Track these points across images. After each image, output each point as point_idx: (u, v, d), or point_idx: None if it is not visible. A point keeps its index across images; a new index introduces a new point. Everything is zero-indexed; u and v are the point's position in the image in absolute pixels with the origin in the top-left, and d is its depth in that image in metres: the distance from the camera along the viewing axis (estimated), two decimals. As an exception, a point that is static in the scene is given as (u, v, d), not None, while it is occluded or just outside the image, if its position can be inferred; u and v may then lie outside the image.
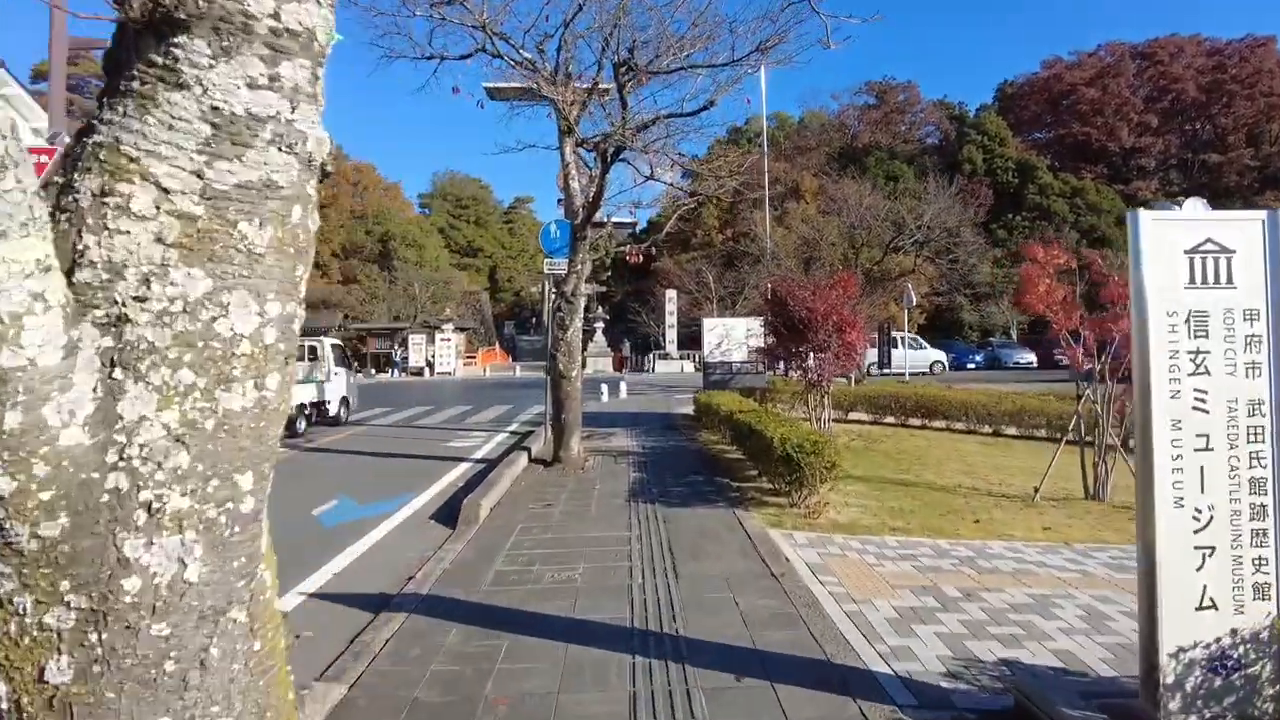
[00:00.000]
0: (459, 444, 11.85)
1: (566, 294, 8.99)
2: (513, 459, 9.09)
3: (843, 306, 11.98)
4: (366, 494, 8.05)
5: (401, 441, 12.35)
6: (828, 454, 6.39)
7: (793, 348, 12.05)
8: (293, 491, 8.31)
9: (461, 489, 8.07)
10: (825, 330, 11.55)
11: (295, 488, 8.47)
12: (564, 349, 9.03)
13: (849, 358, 11.99)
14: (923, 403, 13.65)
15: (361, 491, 8.21)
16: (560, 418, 9.10)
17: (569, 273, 9.07)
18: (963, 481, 8.90)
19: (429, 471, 9.32)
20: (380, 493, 8.09)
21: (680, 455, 9.81)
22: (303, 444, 12.23)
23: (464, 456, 10.42)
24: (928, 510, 7.09)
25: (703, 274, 39.26)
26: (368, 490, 8.27)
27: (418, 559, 5.57)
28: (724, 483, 7.86)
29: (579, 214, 8.90)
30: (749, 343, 14.03)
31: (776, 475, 6.92)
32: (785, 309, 11.83)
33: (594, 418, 14.49)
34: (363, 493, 8.13)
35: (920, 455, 10.94)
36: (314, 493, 8.12)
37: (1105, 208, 54.63)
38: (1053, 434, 12.94)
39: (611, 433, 12.35)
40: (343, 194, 56.37)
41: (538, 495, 7.46)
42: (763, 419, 7.84)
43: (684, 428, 12.74)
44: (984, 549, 5.69)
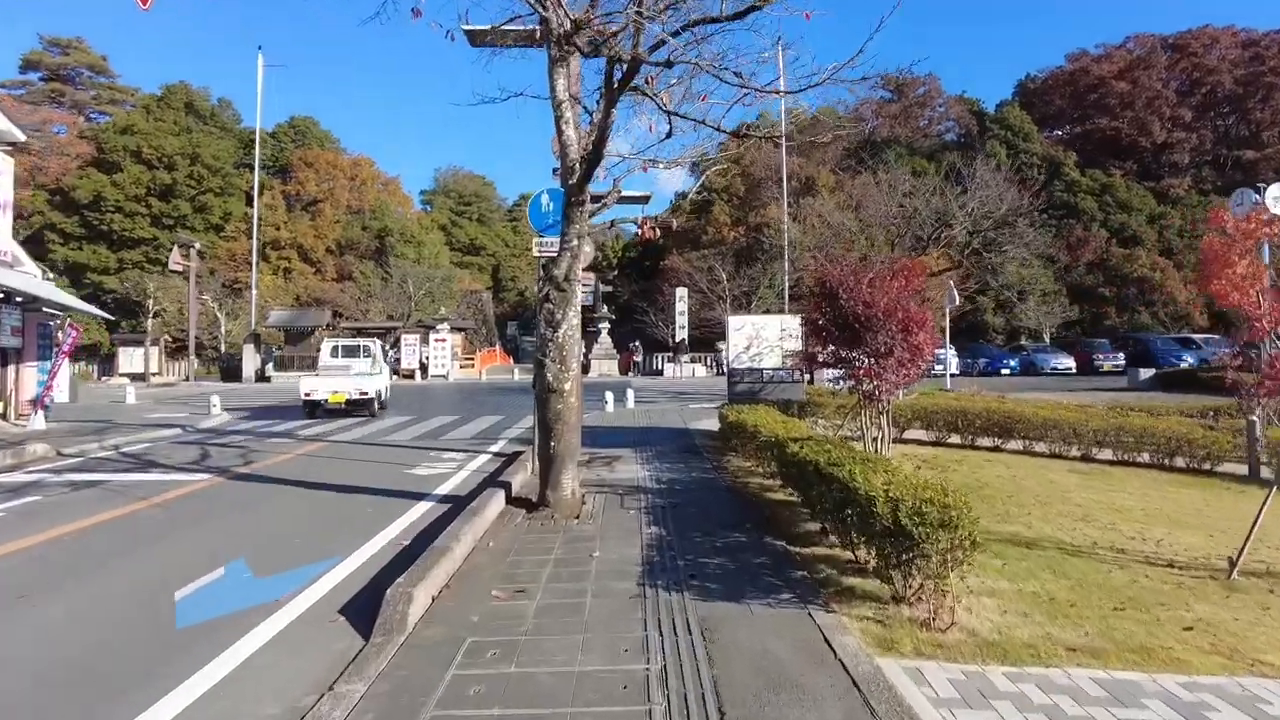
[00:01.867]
0: (426, 470, 9.48)
1: (557, 280, 6.62)
2: (484, 500, 6.71)
3: (909, 300, 9.63)
4: (272, 557, 5.70)
5: (358, 466, 9.99)
6: (965, 524, 4.00)
7: (844, 352, 9.68)
8: (177, 548, 5.97)
9: (401, 554, 5.69)
10: (888, 330, 9.21)
11: (183, 542, 6.11)
12: (554, 353, 6.66)
13: (915, 365, 9.63)
14: (995, 420, 11.23)
15: (268, 552, 5.85)
16: (549, 446, 6.72)
17: (560, 250, 6.70)
18: (1094, 536, 6.53)
19: (371, 518, 6.95)
20: (291, 555, 5.73)
21: (709, 495, 7.42)
22: (238, 467, 9.90)
23: (425, 492, 8.05)
24: (1092, 599, 4.71)
25: (715, 271, 36.87)
26: (277, 550, 5.92)
27: (284, 715, 3.23)
28: (780, 548, 5.46)
29: (575, 170, 6.54)
30: (783, 345, 11.64)
31: (875, 548, 4.53)
32: (835, 303, 9.47)
33: (595, 434, 12.11)
34: (269, 554, 5.78)
35: (1012, 491, 8.54)
36: (203, 552, 5.78)
37: (1136, 205, 51.98)
38: (1159, 459, 10.51)
39: (616, 456, 9.97)
40: (339, 188, 54.26)
41: (508, 571, 5.07)
42: (838, 456, 5.45)
43: (707, 451, 10.34)
44: (1251, 698, 3.31)
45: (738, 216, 49.78)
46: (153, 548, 6.03)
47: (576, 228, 6.66)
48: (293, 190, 54.14)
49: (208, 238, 50.38)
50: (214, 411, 17.34)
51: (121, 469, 9.87)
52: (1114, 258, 48.77)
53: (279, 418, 16.86)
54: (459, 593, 4.65)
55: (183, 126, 52.00)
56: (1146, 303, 47.71)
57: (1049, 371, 30.85)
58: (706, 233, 49.44)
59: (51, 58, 59.04)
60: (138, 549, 5.99)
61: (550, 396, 6.68)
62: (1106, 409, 13.44)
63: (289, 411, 18.64)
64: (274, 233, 50.54)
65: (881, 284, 9.53)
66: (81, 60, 60.27)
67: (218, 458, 10.83)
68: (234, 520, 7.00)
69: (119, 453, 11.40)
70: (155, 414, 17.79)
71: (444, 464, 9.98)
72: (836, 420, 11.23)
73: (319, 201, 53.41)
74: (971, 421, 11.34)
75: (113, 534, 6.50)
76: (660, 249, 56.35)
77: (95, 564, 5.60)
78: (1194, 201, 52.27)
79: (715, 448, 10.62)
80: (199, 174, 49.63)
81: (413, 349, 34.22)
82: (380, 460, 10.35)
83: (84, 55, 60.15)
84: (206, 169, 50.04)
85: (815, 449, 5.85)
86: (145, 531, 6.57)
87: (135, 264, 45.52)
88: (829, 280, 9.49)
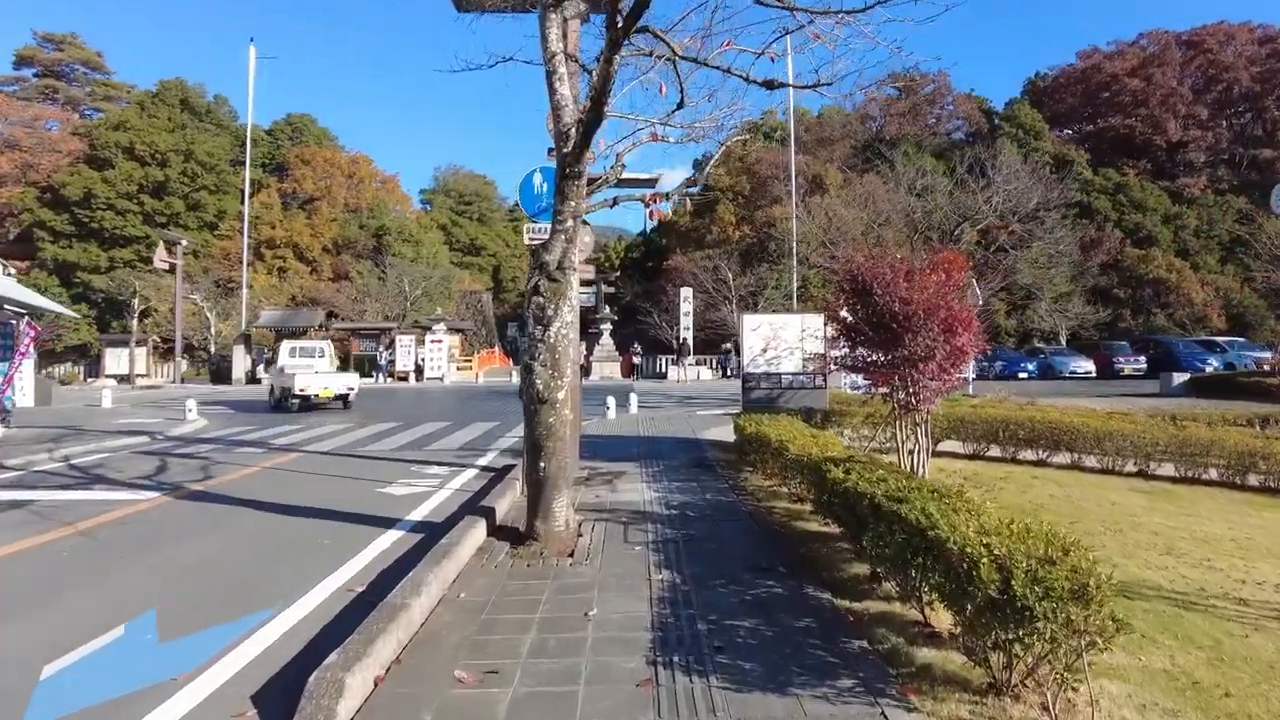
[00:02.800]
0: (402, 489, 8.35)
1: (549, 268, 5.50)
2: (461, 532, 5.59)
3: (952, 296, 8.52)
4: (192, 609, 4.59)
5: (326, 484, 8.88)
6: (1101, 598, 2.87)
7: (877, 355, 8.56)
8: (80, 595, 4.84)
9: (352, 606, 4.58)
10: (929, 331, 8.09)
11: (91, 586, 4.99)
12: (545, 355, 5.53)
13: (957, 370, 8.52)
14: (1040, 431, 10.08)
15: (190, 601, 4.74)
16: (538, 467, 5.60)
17: (553, 233, 5.58)
18: (1193, 577, 5.45)
19: (327, 552, 5.83)
20: (216, 606, 4.62)
21: (729, 524, 6.28)
22: (194, 483, 8.80)
23: (396, 518, 6.92)
24: (1245, 681, 3.58)
25: (721, 270, 35.75)
26: (202, 598, 4.80)
27: None
28: (826, 604, 4.33)
29: (569, 136, 5.42)
30: (804, 347, 10.51)
31: (962, 614, 3.40)
32: (869, 300, 8.35)
33: (596, 445, 11.00)
34: (190, 605, 4.67)
35: (1073, 515, 7.42)
36: (110, 600, 4.68)
37: (1151, 205, 50.80)
38: (1228, 476, 9.34)
39: (619, 472, 8.84)
40: (336, 186, 53.23)
41: (479, 637, 3.94)
42: (898, 486, 4.32)
43: (721, 466, 9.20)
44: None
45: (743, 215, 48.69)
46: (48, 594, 4.91)
47: (572, 205, 5.54)
48: (289, 188, 53.12)
49: (201, 236, 49.39)
50: (189, 417, 16.24)
51: (62, 485, 8.76)
52: (1128, 258, 47.58)
53: (257, 424, 15.76)
54: (412, 671, 3.52)
55: (177, 123, 51.06)
56: (1162, 304, 46.52)
57: (1068, 375, 29.66)
58: (711, 232, 48.34)
59: (45, 54, 58.19)
60: (27, 596, 4.88)
61: (540, 408, 5.55)
62: (1148, 417, 12.31)
63: (271, 417, 17.54)
64: (269, 231, 49.52)
65: (919, 278, 8.43)
66: (76, 56, 59.40)
67: (175, 471, 9.72)
68: (164, 554, 5.87)
69: (68, 465, 10.29)
70: (128, 419, 16.70)
71: (424, 480, 8.85)
72: (864, 431, 10.10)
73: (316, 200, 52.37)
74: (1014, 433, 10.20)
75: (7, 574, 5.38)
76: (663, 249, 55.31)
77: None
78: (1210, 201, 51.11)
79: (730, 462, 9.49)
80: (193, 171, 48.65)
81: (408, 350, 33.10)
82: (353, 476, 9.22)
83: (78, 51, 59.28)
84: (200, 166, 49.06)
85: (867, 477, 4.71)
86: (49, 571, 5.45)
87: (127, 263, 44.50)
88: (862, 274, 8.35)
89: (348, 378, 19.74)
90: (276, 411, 18.62)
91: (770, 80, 4.84)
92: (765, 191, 47.81)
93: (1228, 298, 46.04)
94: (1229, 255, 49.00)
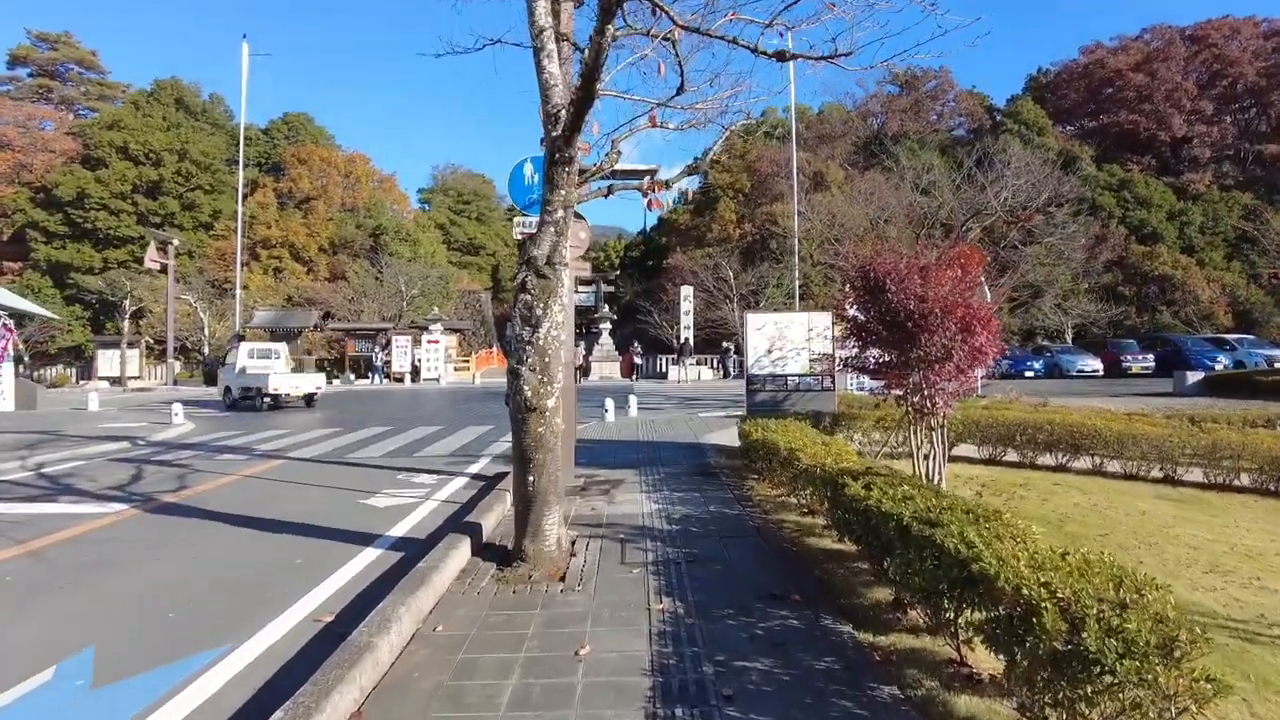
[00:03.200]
0: (385, 500, 7.86)
1: (537, 263, 5.01)
2: (442, 554, 5.10)
3: (969, 293, 8.05)
4: (136, 645, 4.10)
5: (307, 494, 8.40)
6: (1197, 649, 2.38)
7: (890, 356, 8.07)
8: (11, 629, 4.31)
9: (316, 642, 4.09)
10: (946, 330, 7.62)
11: (28, 616, 4.48)
12: (534, 359, 5.05)
13: (974, 370, 8.06)
14: (1060, 434, 9.58)
15: (135, 635, 4.26)
16: (527, 481, 5.11)
17: (541, 224, 5.09)
18: (1246, 600, 5.02)
19: (297, 574, 5.35)
20: (164, 641, 4.13)
21: (735, 541, 5.78)
22: (166, 493, 8.32)
23: (376, 533, 6.43)
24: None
25: (721, 269, 35.23)
26: (149, 631, 4.31)
27: None
28: (847, 638, 3.83)
29: (559, 118, 4.92)
30: (811, 348, 10.02)
31: (1011, 659, 2.91)
32: (881, 297, 7.87)
33: (593, 450, 10.52)
34: (134, 640, 4.18)
35: (1103, 527, 6.95)
36: (48, 633, 4.18)
37: (1156, 201, 50.22)
38: (1262, 483, 8.81)
39: (617, 480, 8.34)
40: (332, 185, 52.71)
41: (455, 681, 3.45)
42: (928, 506, 3.84)
43: (725, 473, 8.71)
44: None
45: (744, 213, 48.20)
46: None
47: (562, 195, 5.05)
48: (285, 188, 52.61)
49: (197, 236, 48.89)
50: (175, 420, 15.76)
51: (26, 497, 8.27)
52: (1133, 255, 47.03)
53: (244, 428, 15.28)
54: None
55: (172, 122, 50.53)
56: (1168, 302, 45.96)
57: (1075, 374, 29.15)
58: (711, 230, 47.85)
59: (40, 53, 57.65)
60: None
61: (528, 417, 5.05)
62: (1165, 418, 11.82)
63: (259, 420, 17.06)
64: (265, 231, 49.01)
65: (935, 275, 7.95)
66: (70, 55, 58.86)
67: (149, 481, 9.24)
68: (118, 578, 5.38)
69: (38, 474, 9.80)
70: (112, 424, 16.21)
71: (410, 490, 8.36)
72: (876, 435, 9.62)
73: (312, 199, 51.85)
74: (1032, 437, 9.70)
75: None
76: (663, 247, 54.80)
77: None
78: (1215, 197, 50.55)
79: (734, 469, 8.99)
80: (187, 170, 48.13)
81: (404, 351, 32.58)
82: (336, 485, 8.73)
83: (73, 50, 58.74)
84: (195, 165, 48.54)
85: (891, 495, 4.22)
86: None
87: (121, 263, 43.97)
88: (875, 270, 7.85)
89: (315, 378, 21.78)
90: (232, 410, 20.05)
91: (781, 51, 4.33)
92: (766, 189, 47.32)
93: (1234, 294, 45.51)
94: (1235, 252, 48.51)
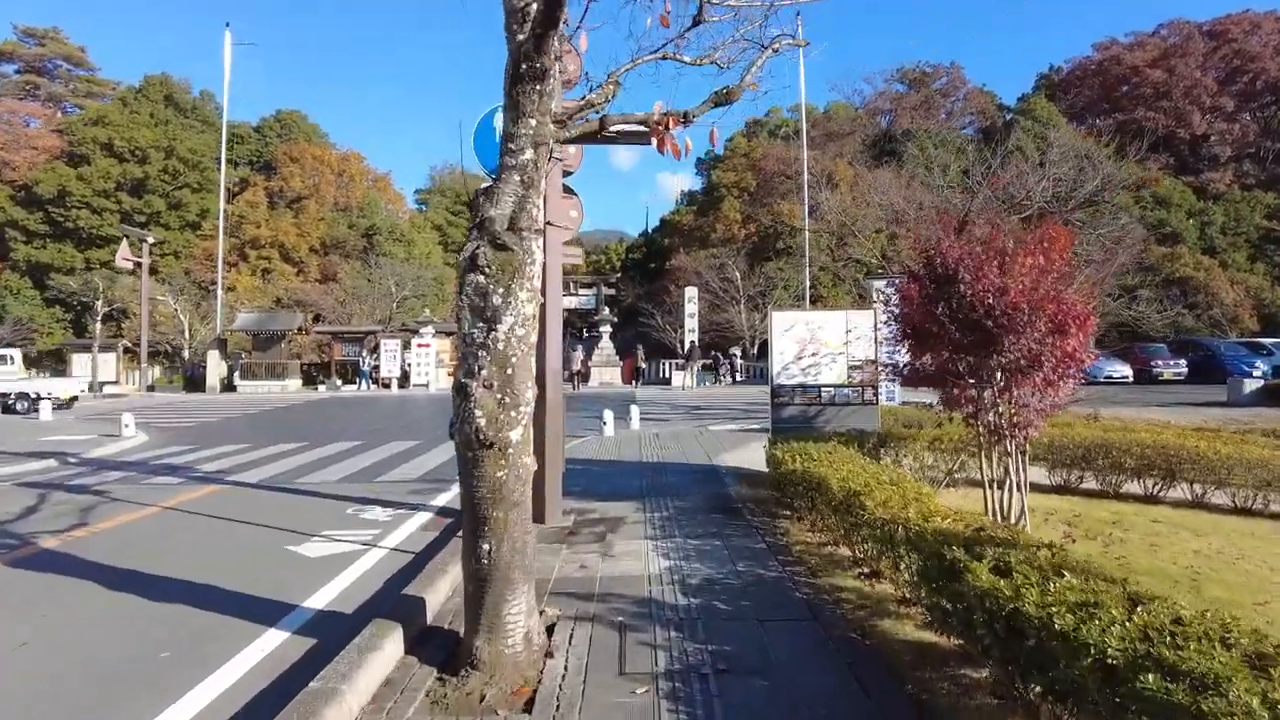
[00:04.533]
0: (319, 547, 6.19)
1: (492, 226, 3.35)
2: (359, 655, 3.43)
3: (1061, 286, 6.44)
4: None
5: (227, 535, 6.73)
6: None
7: (962, 363, 6.43)
8: None
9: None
10: (1035, 332, 6.03)
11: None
12: (489, 370, 3.39)
13: (1063, 379, 6.46)
14: (1152, 457, 7.89)
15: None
16: (480, 551, 3.45)
17: (503, 170, 3.44)
18: None
19: (158, 677, 3.68)
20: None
21: (780, 630, 4.10)
22: (53, 534, 6.65)
23: (289, 604, 4.76)
24: None
25: (727, 269, 33.58)
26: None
27: None
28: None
29: (527, 14, 3.28)
30: (849, 353, 8.35)
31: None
32: (953, 291, 6.24)
33: (589, 473, 8.86)
34: None
35: (1255, 589, 5.28)
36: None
37: (1176, 201, 48.57)
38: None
39: (615, 518, 6.67)
40: (325, 184, 51.11)
41: None
42: (1155, 626, 2.15)
43: (750, 509, 7.02)
44: None
45: (749, 213, 46.57)
46: None
47: (532, 126, 3.39)
48: (276, 186, 50.99)
49: (184, 236, 47.35)
50: (125, 433, 14.12)
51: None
52: (1153, 256, 45.32)
53: (199, 443, 13.62)
54: None
55: (161, 119, 48.98)
56: (1190, 304, 44.26)
57: (1103, 380, 27.43)
58: (716, 230, 46.21)
59: (26, 49, 56.20)
60: None
61: (482, 456, 3.39)
62: (1235, 433, 10.19)
63: (219, 433, 15.42)
64: (254, 231, 47.38)
65: (1016, 263, 6.31)
66: (58, 51, 57.42)
67: (45, 514, 7.58)
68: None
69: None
70: (55, 436, 14.57)
71: (356, 532, 6.69)
72: (927, 458, 7.94)
73: (304, 198, 50.20)
74: (1117, 460, 8.02)
75: None
76: (665, 249, 53.16)
77: None
78: (1237, 197, 48.91)
79: (759, 502, 7.31)
80: (175, 168, 46.57)
81: (393, 355, 30.91)
82: (267, 523, 7.05)
83: (60, 46, 57.30)
84: (183, 163, 46.98)
85: (1063, 596, 2.54)
86: None
87: (104, 263, 42.32)
88: (944, 257, 6.20)
89: (69, 383, 24.51)
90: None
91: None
92: (772, 188, 45.70)
93: (1258, 297, 43.82)
94: (1258, 253, 46.88)
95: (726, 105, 3.82)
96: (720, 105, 3.82)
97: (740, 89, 3.81)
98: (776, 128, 54.08)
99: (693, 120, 3.77)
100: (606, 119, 3.65)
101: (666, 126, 3.70)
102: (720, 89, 3.81)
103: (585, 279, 37.39)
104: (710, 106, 3.82)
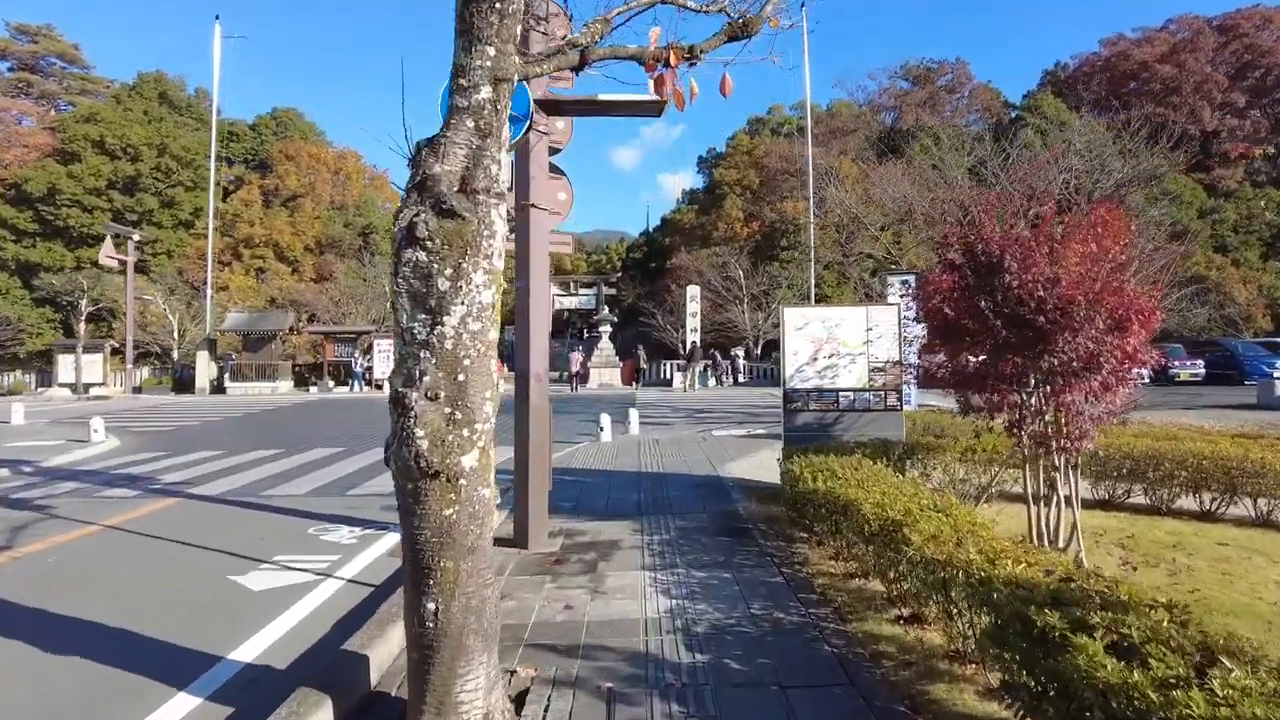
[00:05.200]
0: (267, 578, 5.39)
1: (436, 187, 2.56)
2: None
3: (1117, 278, 5.64)
4: None
5: (167, 561, 5.93)
6: None
7: (1009, 364, 5.62)
8: None
9: None
10: (1092, 329, 5.23)
11: None
12: (433, 379, 2.59)
13: (1121, 383, 5.67)
14: (1211, 470, 7.05)
15: None
16: (424, 612, 2.64)
17: (452, 114, 2.64)
18: None
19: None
20: None
21: (809, 699, 3.29)
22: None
23: (213, 657, 3.95)
24: None
25: (729, 268, 32.76)
26: None
27: None
28: None
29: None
30: (871, 353, 7.53)
31: None
32: (995, 281, 5.44)
33: (581, 485, 8.05)
34: None
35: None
36: None
37: (1186, 198, 47.63)
38: None
39: (608, 542, 5.85)
40: (321, 182, 50.35)
41: None
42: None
43: (762, 530, 6.21)
44: None
45: (751, 211, 45.76)
46: None
47: (490, 56, 2.59)
48: (271, 185, 50.22)
49: (176, 235, 46.57)
50: (94, 438, 13.33)
51: None
52: (1165, 254, 44.49)
53: (170, 449, 12.82)
54: None
55: (154, 116, 48.20)
56: (1202, 303, 43.40)
57: (1118, 381, 26.55)
58: (718, 228, 45.40)
59: (19, 46, 55.44)
60: None
61: (425, 489, 2.60)
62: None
63: (192, 440, 14.63)
64: (248, 229, 46.61)
65: (1061, 251, 5.51)
66: (52, 49, 56.66)
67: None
68: None
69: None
70: (20, 442, 13.78)
71: (313, 558, 5.90)
72: (958, 470, 7.12)
73: (299, 196, 49.41)
74: (1170, 472, 7.20)
75: None
76: (666, 248, 52.33)
77: None
78: (1248, 194, 48.05)
79: (772, 521, 6.49)
80: (167, 166, 45.76)
81: (387, 356, 30.09)
82: (217, 546, 6.24)
83: (54, 43, 56.54)
84: (176, 161, 46.16)
85: (1215, 699, 1.73)
86: None
87: (94, 262, 41.55)
88: (987, 244, 5.39)
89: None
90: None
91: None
92: (775, 186, 44.88)
93: (1271, 295, 42.95)
94: (1270, 251, 46.02)
95: (744, 39, 3.02)
96: (735, 39, 3.02)
97: (760, 19, 3.00)
98: (779, 125, 53.28)
99: (700, 57, 2.96)
100: (589, 50, 2.83)
101: (667, 62, 2.89)
102: (735, 18, 2.99)
103: (585, 278, 36.58)
104: (723, 40, 3.02)
